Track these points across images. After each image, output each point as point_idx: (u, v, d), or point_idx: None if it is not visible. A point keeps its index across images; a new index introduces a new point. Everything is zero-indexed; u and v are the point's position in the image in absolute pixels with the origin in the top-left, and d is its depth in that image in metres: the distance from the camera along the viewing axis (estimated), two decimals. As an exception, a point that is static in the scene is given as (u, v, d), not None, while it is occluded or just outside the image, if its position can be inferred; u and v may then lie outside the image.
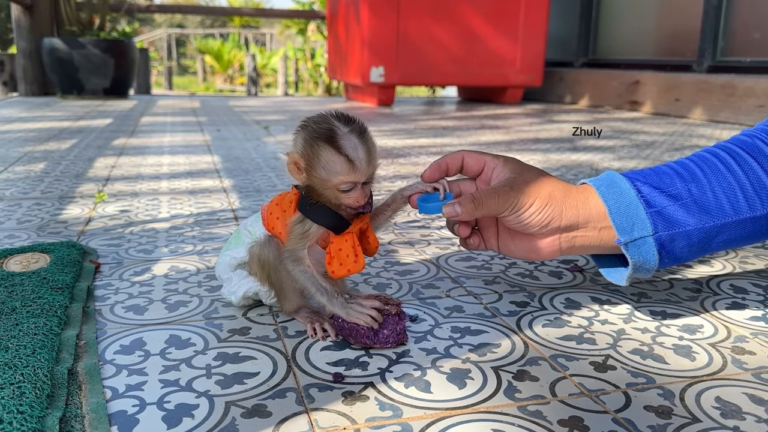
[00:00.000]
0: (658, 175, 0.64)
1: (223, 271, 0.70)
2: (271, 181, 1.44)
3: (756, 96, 2.69)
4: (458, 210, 0.61)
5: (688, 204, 0.61)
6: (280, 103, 4.07)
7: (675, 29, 3.36)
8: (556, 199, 0.62)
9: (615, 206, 0.61)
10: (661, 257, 0.62)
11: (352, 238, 0.62)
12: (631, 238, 0.61)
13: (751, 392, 0.54)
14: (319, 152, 0.57)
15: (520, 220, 0.62)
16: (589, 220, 0.62)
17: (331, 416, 0.49)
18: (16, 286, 0.71)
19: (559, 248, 0.65)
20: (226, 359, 0.59)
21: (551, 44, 4.01)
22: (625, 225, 0.61)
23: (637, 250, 0.61)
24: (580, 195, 0.63)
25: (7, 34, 9.75)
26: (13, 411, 0.46)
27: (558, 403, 0.52)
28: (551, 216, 0.62)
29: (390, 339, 0.60)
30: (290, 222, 0.62)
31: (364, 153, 0.58)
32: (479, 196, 0.61)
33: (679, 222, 0.61)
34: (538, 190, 0.62)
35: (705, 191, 0.62)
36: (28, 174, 1.50)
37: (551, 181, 0.63)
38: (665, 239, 0.61)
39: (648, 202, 0.61)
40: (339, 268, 0.62)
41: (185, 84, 14.26)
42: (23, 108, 3.31)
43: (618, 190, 0.62)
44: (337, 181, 0.58)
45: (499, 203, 0.61)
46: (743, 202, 0.62)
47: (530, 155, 1.88)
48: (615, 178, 0.63)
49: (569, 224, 0.62)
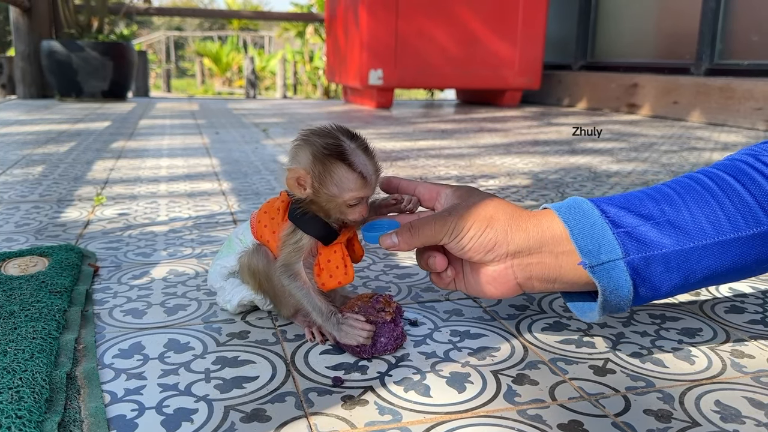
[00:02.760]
0: (625, 197, 0.59)
1: (215, 281, 0.69)
2: (270, 184, 1.44)
3: (754, 99, 2.69)
4: (395, 240, 0.59)
5: (662, 224, 0.55)
6: (278, 106, 4.07)
7: (673, 32, 3.37)
8: (498, 221, 0.58)
9: (577, 227, 0.56)
10: (635, 286, 0.55)
11: (341, 249, 0.62)
12: (599, 261, 0.55)
13: (751, 395, 0.54)
14: (331, 169, 0.57)
15: (461, 246, 0.58)
16: (543, 243, 0.57)
17: (331, 420, 0.49)
18: (14, 290, 0.71)
19: (514, 278, 0.60)
20: (225, 363, 0.59)
21: (549, 47, 4.01)
22: (590, 247, 0.55)
23: (606, 275, 0.55)
24: (531, 218, 0.58)
25: (5, 37, 9.75)
26: (12, 415, 0.46)
27: (558, 406, 0.52)
28: (494, 239, 0.57)
29: (388, 346, 0.60)
30: (282, 235, 0.62)
31: (372, 169, 0.59)
32: (416, 224, 0.59)
33: (653, 243, 0.55)
34: (477, 212, 0.58)
35: (680, 210, 0.56)
36: (27, 177, 1.50)
37: (496, 204, 0.59)
38: (639, 263, 0.54)
39: (615, 222, 0.56)
40: (329, 281, 0.61)
41: (184, 86, 14.26)
42: (21, 110, 3.30)
43: (580, 210, 0.57)
44: (348, 197, 0.58)
45: (436, 230, 0.58)
46: (725, 221, 0.55)
47: (529, 158, 1.88)
48: (577, 201, 0.58)
49: (518, 248, 0.58)
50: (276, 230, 0.63)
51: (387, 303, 0.62)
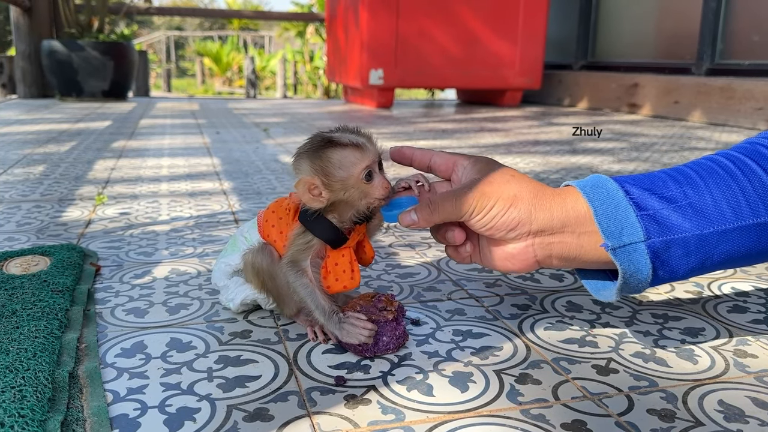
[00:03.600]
0: (649, 178, 0.58)
1: (219, 279, 0.69)
2: (271, 183, 1.44)
3: (755, 99, 2.69)
4: (414, 218, 0.59)
5: (684, 207, 0.55)
6: (279, 106, 4.07)
7: (674, 32, 3.37)
8: (523, 199, 0.56)
9: (601, 208, 0.55)
10: (654, 268, 0.55)
11: (349, 253, 0.62)
12: (621, 243, 0.54)
13: (754, 395, 0.54)
14: (328, 156, 0.57)
15: (483, 223, 0.57)
16: (567, 223, 0.57)
17: (334, 420, 0.49)
18: (16, 289, 0.71)
19: (534, 256, 0.59)
20: (228, 362, 0.59)
21: (550, 47, 4.01)
22: (612, 228, 0.55)
23: (627, 257, 0.55)
24: (555, 197, 0.57)
25: (5, 36, 9.75)
26: (15, 415, 0.46)
27: (561, 406, 0.52)
28: (518, 219, 0.56)
29: (390, 345, 0.60)
30: (292, 234, 0.62)
31: (364, 137, 0.60)
32: (435, 201, 0.58)
33: (674, 227, 0.54)
34: (500, 190, 0.57)
35: (702, 194, 0.56)
36: (28, 176, 1.50)
37: (519, 181, 0.58)
38: (659, 247, 0.54)
39: (638, 204, 0.55)
40: (335, 284, 0.61)
41: (184, 86, 14.26)
42: (22, 110, 3.30)
43: (604, 191, 0.56)
44: (357, 172, 0.57)
45: (456, 206, 0.57)
46: (745, 206, 0.55)
47: (530, 157, 1.88)
48: (601, 179, 0.57)
49: (541, 227, 0.57)
50: (284, 230, 0.63)
51: (389, 302, 0.62)
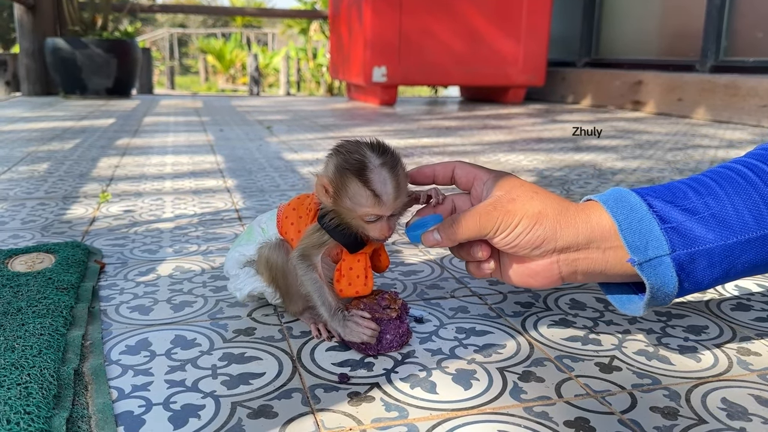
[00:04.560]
0: (669, 190, 0.57)
1: (231, 267, 0.70)
2: (275, 181, 1.44)
3: (759, 96, 2.68)
4: (437, 237, 0.59)
5: (707, 218, 0.54)
6: (282, 103, 4.07)
7: (678, 29, 3.36)
8: (547, 217, 0.56)
9: (626, 222, 0.55)
10: (680, 281, 0.54)
11: (365, 259, 0.62)
12: (646, 258, 0.54)
13: (758, 393, 0.54)
14: (347, 183, 0.56)
15: (507, 241, 0.57)
16: (592, 239, 0.56)
17: (337, 417, 0.49)
18: (21, 287, 0.72)
19: (558, 273, 0.59)
20: (232, 360, 0.59)
21: (554, 44, 4.00)
22: (638, 243, 0.54)
23: (653, 271, 0.54)
24: (580, 213, 0.57)
25: (9, 34, 9.77)
26: (21, 411, 0.46)
27: (564, 404, 0.52)
28: (543, 236, 0.56)
29: (393, 343, 0.60)
30: (308, 229, 0.62)
31: (392, 188, 0.57)
32: (459, 220, 0.58)
33: (699, 239, 0.54)
34: (525, 208, 0.56)
35: (724, 204, 0.55)
36: (32, 174, 1.50)
37: (543, 198, 0.57)
38: (684, 259, 0.54)
39: (662, 217, 0.54)
40: (348, 288, 0.61)
41: (187, 84, 14.27)
42: (26, 108, 3.31)
43: (627, 204, 0.56)
44: (362, 213, 0.57)
45: (481, 225, 0.57)
46: (767, 213, 0.55)
47: (533, 155, 1.88)
48: (623, 193, 0.57)
49: (567, 244, 0.56)
50: (302, 229, 0.63)
51: (392, 300, 0.62)
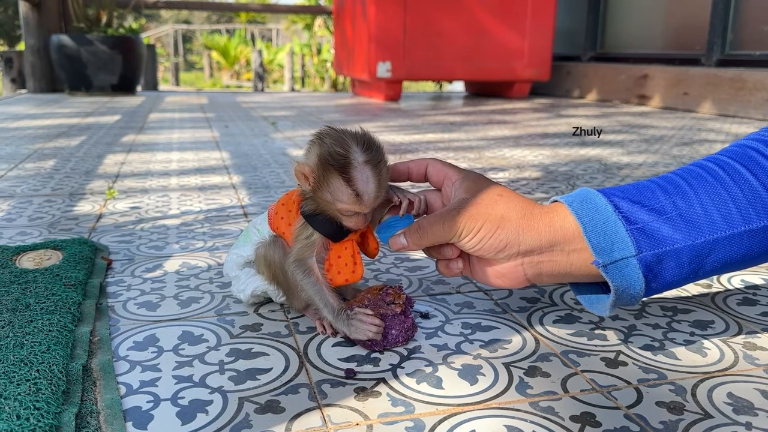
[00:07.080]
0: (638, 189, 0.57)
1: (231, 270, 0.70)
2: (280, 177, 1.45)
3: (765, 90, 2.67)
4: (403, 241, 0.60)
5: (674, 218, 0.54)
6: (287, 99, 4.07)
7: (683, 23, 3.34)
8: (510, 221, 0.56)
9: (590, 224, 0.55)
10: (647, 281, 0.55)
11: (351, 246, 0.62)
12: (612, 260, 0.54)
13: (764, 388, 0.54)
14: (329, 178, 0.57)
15: (471, 245, 0.58)
16: (555, 242, 0.56)
17: (344, 412, 0.50)
18: (29, 283, 0.72)
19: (524, 275, 0.59)
20: (239, 355, 0.59)
21: (559, 38, 3.99)
22: (603, 245, 0.54)
23: (618, 273, 0.54)
24: (544, 216, 0.57)
25: (15, 31, 9.79)
26: (30, 407, 0.47)
27: (570, 398, 0.52)
28: (506, 240, 0.56)
29: (399, 338, 0.60)
30: (294, 228, 0.62)
31: (373, 187, 0.57)
32: (424, 225, 0.59)
33: (665, 239, 0.54)
34: (488, 212, 0.57)
35: (692, 203, 0.55)
36: (39, 171, 1.51)
37: (507, 201, 0.57)
38: (651, 260, 0.54)
39: (628, 218, 0.54)
40: (337, 277, 0.62)
41: (192, 80, 14.28)
42: (32, 105, 3.32)
43: (593, 206, 0.55)
44: (341, 208, 0.58)
45: (444, 230, 0.58)
46: (736, 213, 0.54)
47: (539, 150, 1.88)
48: (589, 194, 0.57)
49: (530, 248, 0.57)
50: (291, 222, 0.63)
51: (397, 295, 0.63)
